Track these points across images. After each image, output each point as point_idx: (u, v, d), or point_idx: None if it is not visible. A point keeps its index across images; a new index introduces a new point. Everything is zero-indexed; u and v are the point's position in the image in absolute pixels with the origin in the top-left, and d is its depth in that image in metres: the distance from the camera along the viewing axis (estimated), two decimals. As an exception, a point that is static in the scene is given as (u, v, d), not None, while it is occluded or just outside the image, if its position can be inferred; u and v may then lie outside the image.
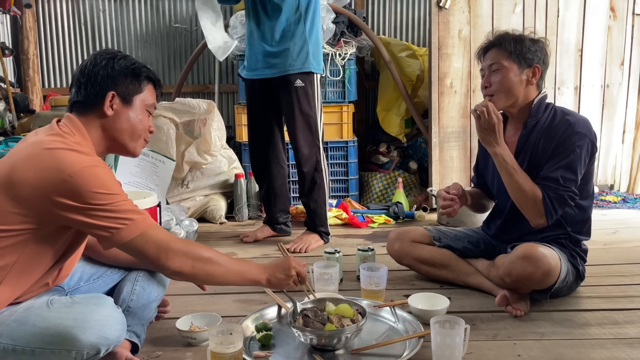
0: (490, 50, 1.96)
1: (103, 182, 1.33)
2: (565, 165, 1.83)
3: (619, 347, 1.63)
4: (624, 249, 2.64)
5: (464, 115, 3.47)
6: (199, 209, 3.35)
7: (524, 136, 1.96)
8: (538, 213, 1.84)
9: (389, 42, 3.95)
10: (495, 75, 1.92)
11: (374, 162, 3.97)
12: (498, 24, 3.40)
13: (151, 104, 1.53)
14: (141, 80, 1.50)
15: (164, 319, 1.86)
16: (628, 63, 3.60)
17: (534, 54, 1.91)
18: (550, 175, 1.84)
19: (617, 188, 3.75)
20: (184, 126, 3.49)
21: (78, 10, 4.24)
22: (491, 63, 1.94)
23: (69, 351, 1.28)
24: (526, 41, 1.92)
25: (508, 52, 1.91)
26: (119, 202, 1.34)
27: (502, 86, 1.92)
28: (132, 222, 1.35)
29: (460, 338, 1.47)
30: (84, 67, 1.46)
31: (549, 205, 1.82)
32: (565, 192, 1.82)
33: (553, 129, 1.89)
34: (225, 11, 4.19)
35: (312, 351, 1.58)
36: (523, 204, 1.88)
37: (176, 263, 1.40)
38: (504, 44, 1.92)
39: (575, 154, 1.82)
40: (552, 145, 1.87)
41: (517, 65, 1.91)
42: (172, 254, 1.39)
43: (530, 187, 1.85)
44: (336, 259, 2.15)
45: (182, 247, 1.42)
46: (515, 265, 1.81)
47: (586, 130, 1.85)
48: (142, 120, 1.50)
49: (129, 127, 1.47)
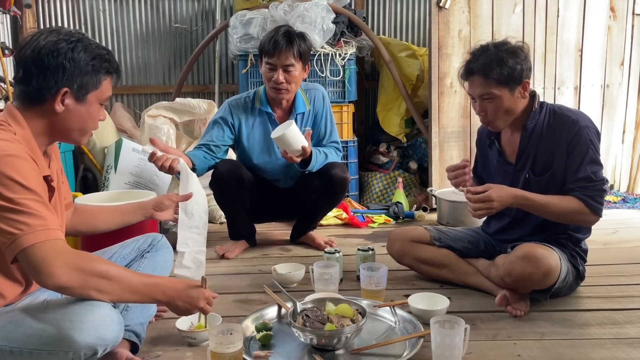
0: (474, 76, 1.90)
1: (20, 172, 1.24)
2: (589, 161, 1.86)
3: (619, 347, 1.63)
4: (624, 249, 2.64)
5: (464, 115, 3.47)
6: (199, 209, 3.34)
7: (524, 139, 1.97)
8: (589, 217, 1.87)
9: (389, 42, 3.95)
10: (489, 103, 1.90)
11: (374, 162, 3.97)
12: (498, 23, 3.40)
13: (106, 97, 1.44)
14: (100, 76, 1.39)
15: (164, 318, 1.86)
16: (628, 63, 3.60)
17: (520, 71, 1.87)
18: (581, 176, 1.85)
19: (617, 188, 3.75)
20: (184, 126, 3.49)
21: (78, 10, 4.24)
22: (481, 94, 1.89)
23: (66, 352, 1.28)
24: (508, 60, 1.85)
25: (495, 80, 1.85)
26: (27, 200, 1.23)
27: (499, 112, 1.91)
28: (29, 229, 1.22)
29: (460, 338, 1.47)
30: (37, 53, 1.31)
31: (593, 205, 1.84)
32: (601, 184, 1.86)
33: (556, 129, 1.91)
34: (226, 11, 4.19)
35: (312, 351, 1.58)
36: (572, 220, 1.91)
37: (64, 277, 1.24)
38: (489, 72, 1.85)
39: (592, 147, 1.86)
40: (562, 144, 1.89)
41: (508, 89, 1.87)
42: (59, 266, 1.24)
43: (568, 205, 1.85)
44: (336, 259, 2.15)
45: (74, 260, 1.27)
46: (515, 266, 1.82)
47: (589, 121, 1.91)
48: (94, 116, 1.42)
49: (79, 125, 1.40)
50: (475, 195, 1.86)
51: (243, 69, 3.50)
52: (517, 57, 1.88)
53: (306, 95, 2.61)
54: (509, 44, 1.91)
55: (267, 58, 2.43)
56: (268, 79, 2.46)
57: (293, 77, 2.44)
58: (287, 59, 2.40)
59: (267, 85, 2.50)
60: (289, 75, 2.42)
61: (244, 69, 3.50)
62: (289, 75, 2.43)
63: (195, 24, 4.27)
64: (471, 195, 1.87)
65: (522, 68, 1.87)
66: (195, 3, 4.25)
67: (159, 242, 1.79)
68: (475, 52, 1.93)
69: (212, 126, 2.55)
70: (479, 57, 1.89)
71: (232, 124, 2.55)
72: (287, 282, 2.16)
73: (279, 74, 2.41)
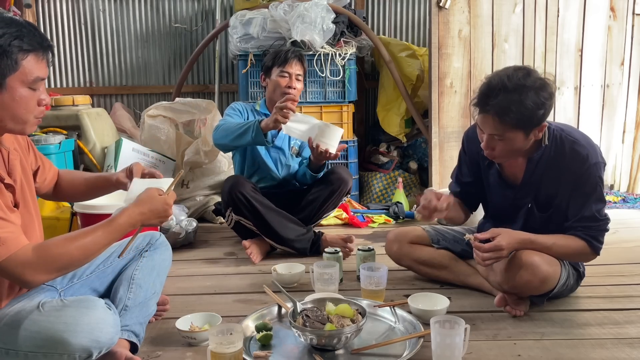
0: (487, 115, 1.70)
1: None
2: (595, 199, 1.80)
3: (619, 347, 1.63)
4: (624, 249, 2.63)
5: (464, 115, 3.47)
6: (199, 209, 3.35)
7: (529, 170, 1.87)
8: (589, 256, 1.85)
9: (389, 42, 3.95)
10: (499, 142, 1.74)
11: (374, 162, 3.97)
12: (498, 23, 3.40)
13: (34, 78, 1.27)
14: (14, 56, 1.23)
15: (164, 318, 1.86)
16: (628, 63, 3.60)
17: (541, 115, 1.68)
18: (585, 215, 1.81)
19: (617, 188, 3.75)
20: (184, 126, 3.49)
21: (78, 10, 4.24)
22: (492, 134, 1.72)
23: (61, 354, 1.29)
24: (529, 103, 1.64)
25: (511, 124, 1.67)
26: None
27: (508, 153, 1.78)
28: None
29: (460, 338, 1.47)
30: None
31: (596, 246, 1.82)
32: (604, 224, 1.82)
33: (565, 163, 1.81)
34: (226, 11, 4.19)
35: (312, 351, 1.58)
36: (572, 259, 1.90)
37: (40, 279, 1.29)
38: (505, 117, 1.66)
39: (599, 185, 1.81)
40: (569, 179, 1.81)
41: (523, 132, 1.71)
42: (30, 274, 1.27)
43: (571, 245, 1.81)
44: (336, 259, 2.15)
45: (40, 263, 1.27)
46: (512, 274, 1.81)
47: (598, 156, 1.80)
48: (24, 102, 1.27)
49: (7, 114, 1.27)
50: (486, 245, 1.75)
51: (243, 68, 3.50)
52: (541, 98, 1.66)
53: None
54: (533, 80, 1.67)
55: (282, 67, 2.64)
56: (281, 85, 2.63)
57: (300, 87, 2.70)
58: (298, 69, 2.67)
59: (277, 92, 2.64)
60: (298, 84, 2.67)
61: (243, 68, 3.50)
62: (299, 83, 2.68)
63: (195, 24, 4.28)
64: (480, 245, 1.76)
65: (545, 111, 1.69)
66: (195, 3, 4.25)
67: (158, 241, 1.79)
68: (494, 86, 1.68)
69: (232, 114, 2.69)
70: (497, 94, 1.66)
71: (244, 115, 2.73)
72: (287, 282, 2.16)
73: (293, 81, 2.64)
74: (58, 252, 1.31)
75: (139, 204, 1.44)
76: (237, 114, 2.70)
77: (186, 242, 2.82)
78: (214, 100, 3.96)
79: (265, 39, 3.44)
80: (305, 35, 3.28)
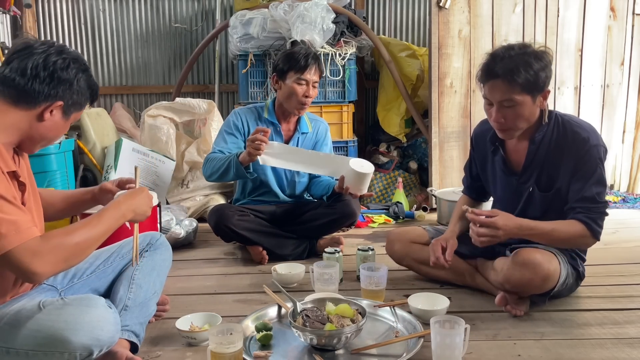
0: (497, 80, 1.77)
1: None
2: (596, 181, 1.81)
3: (619, 347, 1.63)
4: (624, 249, 2.63)
5: (464, 115, 3.47)
6: (199, 209, 3.35)
7: (531, 152, 1.90)
8: (589, 240, 1.83)
9: (389, 42, 3.95)
10: (508, 110, 1.79)
11: (374, 162, 3.96)
12: (498, 23, 3.40)
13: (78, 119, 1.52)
14: (87, 102, 1.46)
15: (164, 318, 1.86)
16: (628, 63, 3.60)
17: (545, 78, 1.77)
18: (585, 195, 1.81)
19: (617, 188, 3.75)
20: (184, 126, 3.49)
21: (78, 10, 4.24)
22: (502, 100, 1.77)
23: (62, 353, 1.29)
24: (534, 65, 1.74)
25: (520, 85, 1.74)
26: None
27: (519, 121, 1.81)
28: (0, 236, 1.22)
29: (460, 338, 1.47)
30: (52, 62, 1.35)
31: (595, 229, 1.81)
32: (603, 207, 1.82)
33: (566, 145, 1.84)
34: (226, 11, 4.19)
35: (312, 351, 1.58)
36: (572, 245, 1.88)
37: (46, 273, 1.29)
38: (514, 76, 1.73)
39: (600, 167, 1.82)
40: (570, 162, 1.83)
41: (531, 96, 1.77)
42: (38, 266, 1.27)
43: (571, 230, 1.80)
44: (336, 259, 2.15)
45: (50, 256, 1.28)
46: (513, 272, 1.81)
47: (599, 139, 1.84)
48: (63, 132, 1.46)
49: (50, 137, 1.43)
50: (480, 218, 1.75)
51: (243, 68, 3.50)
52: (542, 62, 1.77)
53: (310, 122, 2.70)
54: (533, 47, 1.80)
55: (300, 74, 2.46)
56: (298, 94, 2.48)
57: (316, 93, 2.55)
58: (317, 76, 2.51)
59: (292, 99, 2.50)
60: (314, 91, 2.53)
61: (243, 68, 3.50)
62: (315, 90, 2.53)
63: (195, 24, 4.28)
64: (475, 217, 1.76)
65: (547, 75, 1.78)
66: (195, 3, 4.25)
67: (158, 241, 1.79)
68: (498, 53, 1.79)
69: (225, 134, 2.56)
70: (503, 58, 1.76)
71: (242, 129, 2.58)
72: (287, 282, 2.16)
73: (310, 88, 2.49)
74: (62, 240, 1.31)
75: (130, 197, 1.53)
76: (230, 136, 2.54)
77: (186, 242, 2.82)
78: (214, 100, 3.95)
79: (265, 39, 3.44)
80: (305, 35, 3.28)
